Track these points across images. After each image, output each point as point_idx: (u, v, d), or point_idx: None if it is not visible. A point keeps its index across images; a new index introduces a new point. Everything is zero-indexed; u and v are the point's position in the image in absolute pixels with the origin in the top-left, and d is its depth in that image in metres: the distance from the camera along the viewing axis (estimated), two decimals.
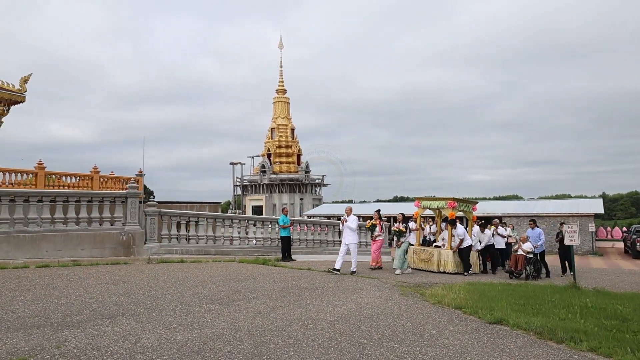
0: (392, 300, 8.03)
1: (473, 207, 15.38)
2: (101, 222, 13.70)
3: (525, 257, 13.58)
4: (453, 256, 13.81)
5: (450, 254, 13.84)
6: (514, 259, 13.80)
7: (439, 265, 13.90)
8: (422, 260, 14.39)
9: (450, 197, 14.55)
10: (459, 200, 14.77)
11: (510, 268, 13.96)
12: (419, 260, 14.44)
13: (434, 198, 15.47)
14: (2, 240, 11.90)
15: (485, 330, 5.97)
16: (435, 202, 15.17)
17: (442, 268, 13.80)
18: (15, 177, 19.46)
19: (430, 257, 14.23)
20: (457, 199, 14.68)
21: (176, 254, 14.32)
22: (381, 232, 13.71)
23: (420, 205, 15.19)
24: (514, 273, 13.61)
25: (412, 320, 6.42)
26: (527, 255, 13.63)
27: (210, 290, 8.37)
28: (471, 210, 15.21)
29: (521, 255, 13.65)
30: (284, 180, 61.39)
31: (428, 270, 13.90)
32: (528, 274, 13.46)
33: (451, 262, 13.74)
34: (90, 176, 22.08)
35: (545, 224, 32.96)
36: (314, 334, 5.50)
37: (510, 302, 7.81)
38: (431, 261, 14.14)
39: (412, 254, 14.54)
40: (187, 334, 5.32)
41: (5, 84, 21.60)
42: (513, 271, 13.68)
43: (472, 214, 15.26)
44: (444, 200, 14.71)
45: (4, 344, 4.78)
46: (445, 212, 14.74)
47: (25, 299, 7.16)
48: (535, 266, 13.77)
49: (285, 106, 65.05)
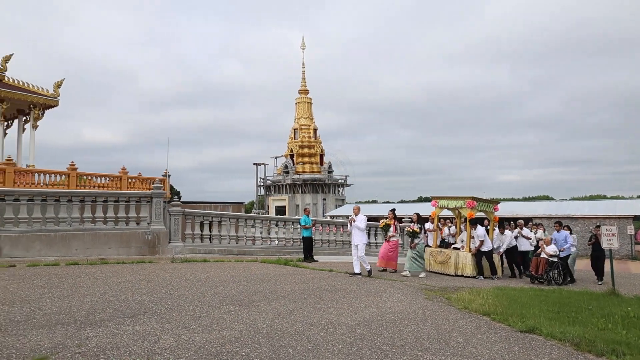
0: (416, 304, 7.82)
1: (495, 206, 14.66)
2: (127, 221, 13.91)
3: (547, 261, 12.92)
4: (472, 258, 13.21)
5: (469, 257, 13.23)
6: (535, 263, 13.12)
7: (456, 268, 13.29)
8: (438, 262, 13.78)
9: (469, 196, 13.78)
10: (479, 200, 13.99)
11: (530, 272, 13.27)
12: (436, 262, 13.86)
13: (452, 197, 14.50)
14: (35, 239, 12.21)
15: (516, 339, 5.70)
16: (453, 201, 14.34)
17: (459, 271, 13.20)
18: (49, 178, 19.99)
19: (447, 260, 13.58)
20: (477, 198, 13.91)
21: (199, 253, 14.42)
22: (395, 233, 13.17)
23: (438, 205, 14.57)
24: (535, 277, 12.97)
25: (437, 326, 6.20)
26: (549, 259, 12.95)
27: (231, 291, 8.33)
28: (492, 211, 14.50)
29: (543, 259, 12.99)
30: (306, 180, 61.44)
31: (445, 274, 13.31)
32: (550, 279, 12.77)
33: (469, 265, 13.13)
34: (119, 177, 22.52)
35: (579, 226, 31.86)
36: (334, 339, 5.36)
37: (543, 310, 7.46)
38: (448, 264, 13.50)
39: (428, 256, 14.01)
40: (206, 336, 5.27)
41: (40, 89, 22.30)
42: (534, 275, 13.02)
43: (493, 214, 14.57)
44: (463, 199, 13.93)
45: (28, 341, 4.83)
46: (463, 212, 14.03)
47: (53, 296, 7.28)
48: (559, 271, 13.07)
49: (307, 107, 65.13)
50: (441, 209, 14.67)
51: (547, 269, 12.84)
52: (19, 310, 6.22)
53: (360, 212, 12.02)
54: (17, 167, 20.54)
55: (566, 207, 38.47)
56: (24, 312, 6.09)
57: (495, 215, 14.70)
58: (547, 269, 12.84)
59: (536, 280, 12.91)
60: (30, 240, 12.09)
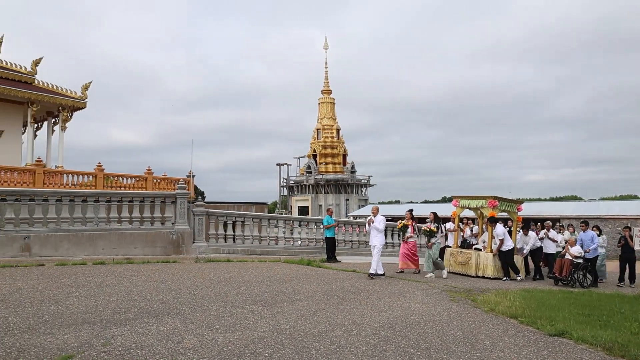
0: (441, 306, 7.67)
1: (518, 206, 14.22)
2: (152, 221, 14.11)
3: (571, 262, 12.50)
4: (493, 259, 12.79)
5: (490, 257, 12.80)
6: (559, 264, 12.70)
7: (477, 269, 12.88)
8: (459, 263, 13.40)
9: (491, 195, 13.32)
10: (501, 199, 13.50)
11: (554, 273, 12.84)
12: (456, 263, 13.48)
13: (473, 197, 14.03)
14: (63, 239, 12.49)
15: (545, 343, 5.52)
16: (475, 200, 13.85)
17: (480, 272, 12.79)
18: (77, 179, 20.47)
19: (467, 260, 13.17)
20: (499, 197, 13.42)
21: (223, 253, 14.52)
22: (413, 234, 12.93)
23: (459, 205, 14.15)
24: (559, 279, 12.56)
25: (463, 329, 6.06)
26: (574, 260, 12.54)
27: (254, 291, 8.34)
28: (515, 211, 14.08)
29: (567, 260, 12.58)
30: (329, 180, 61.37)
31: (465, 275, 12.95)
32: (575, 281, 12.33)
33: (491, 266, 12.72)
34: (144, 177, 22.90)
35: (609, 227, 30.87)
36: (357, 340, 5.29)
37: (573, 313, 7.23)
38: (469, 264, 13.09)
39: (448, 256, 13.73)
40: (229, 336, 5.26)
41: (69, 91, 22.87)
42: (557, 277, 12.61)
43: (516, 215, 14.15)
44: (484, 198, 13.44)
45: (55, 339, 4.91)
46: (485, 212, 13.59)
47: (80, 295, 7.41)
48: (584, 273, 12.61)
49: (330, 107, 65.05)
50: (462, 209, 14.26)
51: (571, 270, 12.43)
52: (47, 308, 6.35)
53: (379, 213, 11.84)
54: (47, 168, 21.11)
55: (595, 208, 37.32)
56: (51, 311, 6.21)
57: (518, 216, 14.30)
58: (571, 271, 12.43)
59: (560, 282, 12.54)
60: (58, 240, 12.38)
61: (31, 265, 10.69)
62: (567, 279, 12.41)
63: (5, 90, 20.03)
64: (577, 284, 12.30)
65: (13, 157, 21.90)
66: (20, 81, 21.53)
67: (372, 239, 11.55)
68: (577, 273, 12.45)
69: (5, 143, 21.84)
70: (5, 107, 21.65)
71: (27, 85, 21.61)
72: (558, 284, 12.49)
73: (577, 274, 12.44)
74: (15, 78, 21.45)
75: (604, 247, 14.18)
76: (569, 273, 12.42)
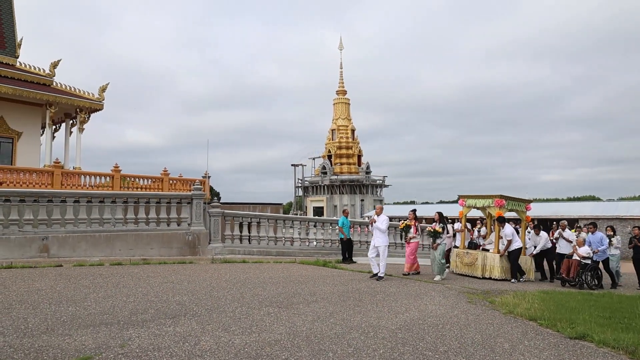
0: (459, 308, 7.56)
1: (526, 205, 13.83)
2: (169, 222, 14.21)
3: (579, 263, 12.18)
4: (500, 260, 12.36)
5: (497, 258, 12.37)
6: (567, 265, 12.38)
7: (483, 271, 12.51)
8: (465, 264, 13.04)
9: (498, 195, 12.94)
10: (508, 198, 13.10)
11: (561, 274, 12.52)
12: (462, 264, 13.13)
13: (480, 196, 13.59)
14: (81, 239, 12.65)
15: (566, 346, 5.39)
16: (482, 200, 13.43)
17: (487, 274, 12.42)
18: (95, 180, 20.74)
19: (474, 261, 12.78)
20: (506, 196, 13.03)
21: (239, 254, 14.56)
22: (416, 234, 12.53)
23: (465, 204, 13.77)
24: (566, 280, 12.24)
25: (482, 331, 5.96)
26: (582, 261, 12.21)
27: (270, 292, 8.33)
28: (524, 210, 13.68)
29: (575, 261, 12.26)
30: (344, 181, 61.29)
31: (472, 276, 12.61)
32: (582, 282, 11.98)
33: (497, 267, 12.30)
34: (160, 178, 23.11)
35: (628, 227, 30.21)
36: (374, 343, 5.23)
37: (593, 315, 7.08)
38: (475, 265, 12.69)
39: (455, 257, 13.47)
40: (245, 338, 5.25)
41: (86, 93, 23.20)
42: (564, 278, 12.30)
43: (525, 214, 13.76)
44: (491, 198, 13.05)
45: (73, 341, 4.95)
46: (492, 211, 13.23)
47: (97, 296, 7.48)
48: (592, 274, 12.26)
49: (345, 107, 64.99)
50: (469, 209, 13.85)
51: (579, 271, 12.11)
52: (65, 309, 6.42)
53: (382, 213, 11.49)
54: (65, 169, 21.43)
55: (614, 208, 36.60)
56: (69, 312, 6.27)
57: (527, 215, 13.92)
58: (579, 272, 12.10)
59: (567, 283, 12.23)
60: (76, 241, 12.54)
61: (49, 266, 10.84)
62: (574, 280, 12.10)
63: (24, 92, 20.40)
64: (585, 285, 12.00)
65: (32, 158, 22.32)
66: (38, 83, 21.91)
67: (375, 240, 11.16)
68: (585, 274, 12.10)
69: (24, 144, 22.27)
70: (24, 109, 22.07)
71: (46, 87, 21.98)
72: (565, 285, 12.22)
73: (585, 275, 12.11)
74: (33, 80, 21.84)
75: (618, 248, 13.74)
76: (577, 274, 12.11)
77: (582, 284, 12.00)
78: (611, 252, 13.45)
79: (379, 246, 11.02)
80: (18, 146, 22.19)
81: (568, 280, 12.21)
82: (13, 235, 11.74)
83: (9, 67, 21.78)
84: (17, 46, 23.01)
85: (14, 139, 22.13)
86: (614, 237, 13.63)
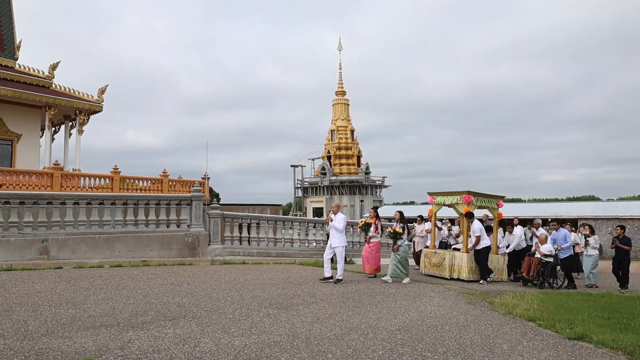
0: (458, 309, 7.58)
1: (498, 202, 13.03)
2: (168, 224, 14.22)
3: (540, 261, 11.52)
4: (468, 260, 11.63)
5: (465, 257, 11.62)
6: (527, 263, 11.76)
7: (451, 271, 11.82)
8: (433, 264, 12.35)
9: (465, 191, 12.20)
10: (477, 194, 12.37)
11: (521, 273, 11.95)
12: (430, 264, 12.45)
13: (448, 193, 12.77)
14: (81, 241, 12.66)
15: (564, 347, 5.41)
16: (450, 197, 12.61)
17: (455, 274, 11.72)
18: (94, 182, 20.74)
19: (441, 261, 12.09)
20: (474, 192, 12.27)
21: (238, 255, 14.58)
22: (376, 233, 11.56)
23: (434, 202, 13.00)
24: (527, 280, 11.65)
25: (481, 332, 5.98)
26: (543, 259, 11.56)
27: (269, 294, 8.35)
28: (495, 207, 12.89)
29: (536, 259, 11.63)
30: (344, 182, 61.34)
31: (440, 277, 11.95)
32: (543, 282, 11.47)
33: (465, 267, 11.57)
34: (160, 180, 23.10)
35: (629, 227, 30.23)
36: (373, 344, 5.25)
37: (592, 315, 7.10)
38: (442, 266, 11.99)
39: (423, 257, 12.85)
40: (245, 340, 5.26)
41: (85, 94, 23.21)
42: (525, 277, 11.70)
43: (497, 211, 12.94)
44: (459, 194, 12.27)
45: (73, 343, 4.96)
46: (460, 209, 12.39)
47: (97, 298, 7.50)
48: (554, 273, 11.75)
49: (344, 108, 65.06)
50: (439, 206, 13.04)
51: (539, 270, 11.50)
52: (65, 312, 6.43)
53: (340, 211, 10.77)
54: (64, 171, 21.43)
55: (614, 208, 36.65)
56: (69, 314, 6.29)
57: (499, 212, 13.09)
58: (539, 270, 11.50)
59: (529, 282, 11.67)
60: (76, 243, 12.55)
61: (49, 268, 10.86)
62: (536, 280, 11.51)
63: (24, 94, 20.40)
64: (547, 284, 11.51)
65: (31, 160, 22.30)
66: (38, 85, 21.90)
67: (332, 240, 10.42)
68: (546, 273, 11.52)
69: (23, 147, 22.26)
70: (24, 111, 22.05)
71: (45, 89, 21.97)
72: (527, 284, 11.66)
73: (546, 274, 11.53)
74: (33, 82, 21.83)
75: (595, 248, 13.00)
76: (537, 273, 11.52)
77: (542, 283, 11.48)
78: (588, 252, 12.89)
79: (336, 247, 10.38)
80: (17, 148, 22.17)
81: (529, 280, 11.66)
82: (13, 237, 11.75)
83: (8, 69, 21.78)
84: (16, 48, 23.01)
85: (13, 141, 22.11)
86: (591, 237, 12.99)
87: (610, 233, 12.06)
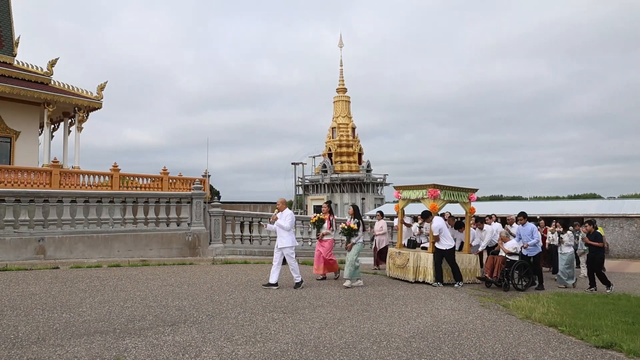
0: (473, 313, 7.21)
1: (470, 195, 11.63)
2: (168, 222, 13.86)
3: (504, 260, 10.42)
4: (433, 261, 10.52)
5: (431, 258, 10.45)
6: (490, 263, 10.57)
7: (416, 273, 10.60)
8: (397, 266, 11.14)
9: (431, 184, 10.94)
10: (444, 188, 11.10)
11: (483, 274, 10.76)
12: (395, 266, 11.24)
13: (415, 186, 11.61)
14: (78, 240, 12.30)
15: (594, 356, 5.02)
16: (416, 191, 11.44)
17: (420, 277, 10.52)
18: (93, 180, 20.38)
19: (405, 263, 10.86)
20: (441, 185, 11.02)
21: (239, 254, 14.21)
22: (330, 230, 10.57)
23: (401, 196, 11.90)
24: (490, 281, 10.44)
25: (501, 340, 5.59)
26: (507, 258, 10.46)
27: (273, 296, 7.98)
28: (467, 201, 11.57)
29: (500, 258, 10.50)
30: (345, 179, 60.92)
31: (404, 280, 10.74)
32: (508, 283, 10.28)
33: (431, 269, 10.41)
34: (160, 177, 22.74)
35: (635, 226, 29.82)
36: (388, 354, 4.87)
37: (616, 321, 6.70)
38: (407, 267, 10.78)
39: (388, 258, 11.69)
40: (249, 348, 4.89)
41: (84, 91, 22.83)
42: (488, 278, 10.46)
43: (469, 205, 11.65)
44: (425, 188, 11.09)
45: (65, 352, 4.60)
46: (426, 204, 11.10)
47: (93, 301, 7.14)
48: (521, 272, 10.65)
49: (345, 105, 64.58)
50: (405, 202, 11.95)
51: (504, 270, 10.32)
52: (59, 316, 6.07)
53: (286, 207, 9.49)
54: (63, 168, 21.08)
55: (619, 206, 36.18)
56: (63, 319, 5.92)
57: (471, 207, 11.80)
58: (504, 270, 10.32)
59: (492, 284, 10.45)
60: (73, 242, 12.19)
61: (45, 268, 10.51)
62: (500, 281, 10.34)
63: (22, 91, 20.02)
64: (512, 285, 10.38)
65: (30, 157, 21.94)
66: (36, 82, 21.52)
67: (279, 240, 9.16)
68: (510, 273, 10.38)
69: (22, 144, 21.89)
70: (22, 108, 21.69)
71: (43, 86, 21.59)
72: (491, 285, 10.49)
73: (511, 274, 10.38)
74: (31, 79, 21.45)
75: (570, 245, 12.10)
76: (501, 273, 10.34)
77: (507, 284, 10.31)
78: (562, 250, 12.06)
79: (283, 247, 9.07)
80: (16, 145, 21.81)
81: (493, 281, 10.43)
82: (8, 236, 11.39)
83: (7, 65, 21.38)
84: (14, 44, 22.63)
85: (11, 138, 21.75)
86: (565, 234, 12.13)
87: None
